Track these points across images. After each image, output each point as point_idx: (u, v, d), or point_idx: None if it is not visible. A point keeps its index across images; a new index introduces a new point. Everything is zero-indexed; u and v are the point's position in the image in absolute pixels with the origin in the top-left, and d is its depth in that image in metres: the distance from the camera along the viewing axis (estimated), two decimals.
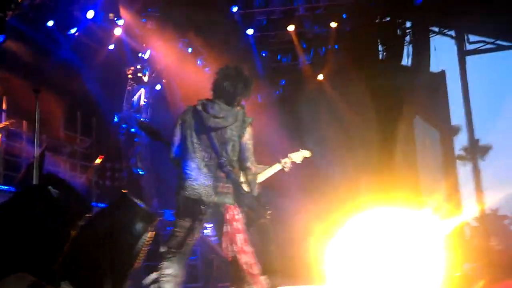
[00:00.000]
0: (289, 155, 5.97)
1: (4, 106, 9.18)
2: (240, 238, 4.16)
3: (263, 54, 12.97)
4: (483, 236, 12.55)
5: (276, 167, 5.85)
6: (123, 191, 4.44)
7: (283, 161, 5.87)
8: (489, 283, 6.41)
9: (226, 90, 4.32)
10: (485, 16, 12.45)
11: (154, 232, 4.62)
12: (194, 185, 4.19)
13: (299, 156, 6.04)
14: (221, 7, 11.77)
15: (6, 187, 8.08)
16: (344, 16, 12.23)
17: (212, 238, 9.71)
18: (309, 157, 6.16)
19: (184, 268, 4.29)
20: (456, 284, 6.72)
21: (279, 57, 13.41)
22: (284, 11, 12.21)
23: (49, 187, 4.27)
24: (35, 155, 6.92)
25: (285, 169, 5.86)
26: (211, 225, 4.65)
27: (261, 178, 5.58)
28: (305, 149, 6.17)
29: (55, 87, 9.68)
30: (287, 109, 12.48)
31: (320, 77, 12.85)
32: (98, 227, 4.74)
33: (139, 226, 4.75)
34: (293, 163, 5.96)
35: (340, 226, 5.91)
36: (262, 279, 4.33)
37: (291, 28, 12.03)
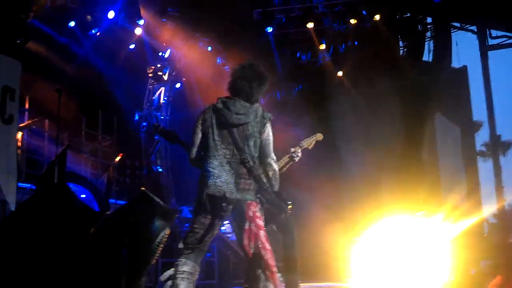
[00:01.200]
0: (300, 142, 5.60)
1: (26, 106, 9.29)
2: (263, 234, 4.15)
3: (283, 52, 12.95)
4: (502, 232, 12.37)
5: (285, 159, 5.63)
6: (142, 188, 4.46)
7: (292, 150, 5.51)
8: (505, 280, 6.32)
9: (242, 88, 4.34)
10: (508, 11, 12.29)
11: (169, 230, 4.67)
12: (217, 182, 4.18)
13: (310, 141, 5.68)
14: (241, 6, 11.79)
15: (28, 185, 8.14)
16: (363, 12, 12.15)
17: (229, 235, 9.71)
18: (323, 147, 5.85)
19: (199, 264, 4.30)
20: (472, 281, 6.67)
21: (298, 54, 13.38)
22: (303, 9, 12.18)
23: (69, 185, 4.33)
24: (56, 153, 7.02)
25: (295, 159, 5.49)
26: (228, 222, 4.62)
27: None
28: (318, 136, 5.74)
29: (76, 86, 9.81)
30: (307, 106, 12.42)
31: (340, 73, 12.79)
32: (117, 224, 4.80)
33: (157, 223, 4.79)
34: (305, 150, 5.68)
35: (361, 226, 5.90)
36: (278, 276, 4.31)
37: (310, 25, 12.00)
